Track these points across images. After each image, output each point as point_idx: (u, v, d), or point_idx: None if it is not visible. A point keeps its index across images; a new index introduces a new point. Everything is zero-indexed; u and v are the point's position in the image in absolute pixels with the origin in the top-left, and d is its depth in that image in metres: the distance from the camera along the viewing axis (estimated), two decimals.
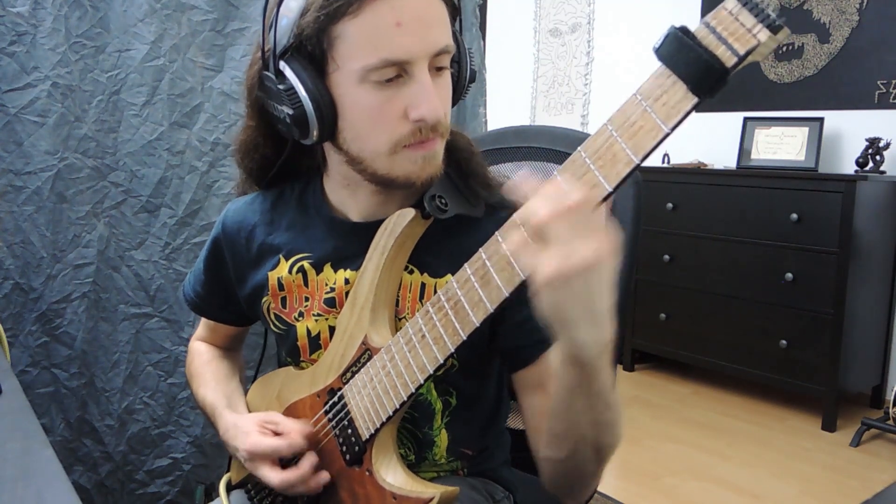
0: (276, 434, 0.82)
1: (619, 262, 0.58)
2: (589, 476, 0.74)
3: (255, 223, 0.91)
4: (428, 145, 0.74)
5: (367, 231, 0.81)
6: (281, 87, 0.73)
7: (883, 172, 2.78)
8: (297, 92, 0.72)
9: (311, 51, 0.72)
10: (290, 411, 0.87)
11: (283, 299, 0.88)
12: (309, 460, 0.81)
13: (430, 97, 0.71)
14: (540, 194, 0.57)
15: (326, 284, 0.84)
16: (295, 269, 0.86)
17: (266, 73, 0.75)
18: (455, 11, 0.77)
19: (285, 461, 0.82)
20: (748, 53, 0.49)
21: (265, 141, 0.86)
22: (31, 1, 1.39)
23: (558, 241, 0.55)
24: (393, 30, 0.68)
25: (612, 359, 0.64)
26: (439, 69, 0.74)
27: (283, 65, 0.73)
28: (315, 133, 0.75)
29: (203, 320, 1.05)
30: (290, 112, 0.73)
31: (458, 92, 0.81)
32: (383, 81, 0.71)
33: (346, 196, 0.84)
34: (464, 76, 0.80)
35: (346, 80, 0.72)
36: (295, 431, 0.81)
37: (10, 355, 1.33)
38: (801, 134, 3.00)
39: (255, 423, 0.84)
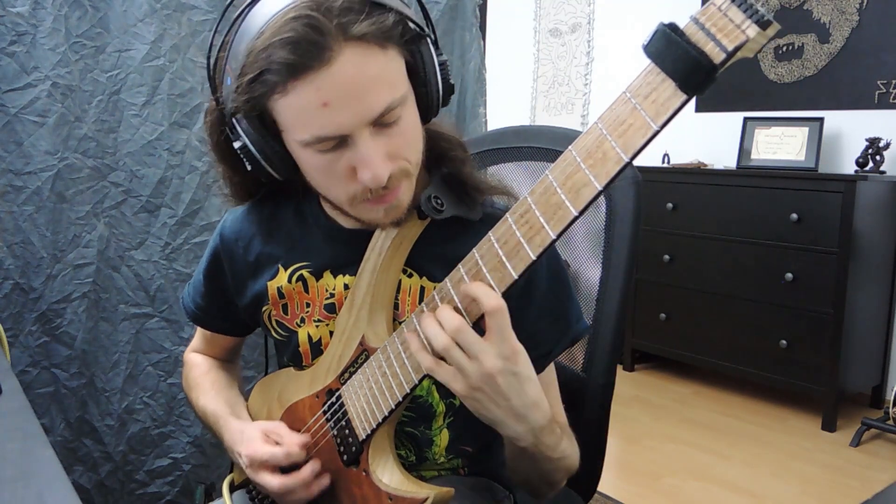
0: (277, 444, 0.82)
1: (525, 359, 0.66)
2: (546, 493, 0.81)
3: (253, 233, 0.90)
4: (387, 199, 0.73)
5: (365, 237, 0.81)
6: (236, 144, 0.73)
7: (883, 172, 2.78)
8: (250, 151, 0.72)
9: (260, 113, 0.70)
10: (290, 412, 0.87)
11: (285, 306, 0.88)
12: (311, 467, 0.80)
13: (372, 163, 0.68)
14: (428, 323, 0.66)
15: (326, 290, 0.84)
16: (294, 277, 0.86)
17: (222, 127, 0.75)
18: (410, 43, 0.71)
19: (286, 469, 0.82)
20: (737, 49, 0.49)
21: (242, 177, 0.84)
22: (31, 1, 1.39)
23: (457, 363, 0.64)
24: (320, 110, 0.66)
25: (552, 426, 0.72)
26: (388, 123, 0.69)
27: (234, 122, 0.72)
28: (280, 177, 0.75)
29: (199, 331, 1.03)
30: (250, 167, 0.74)
31: (431, 112, 0.76)
32: (325, 150, 0.69)
33: (337, 214, 0.85)
34: (433, 98, 0.74)
35: (292, 142, 0.71)
36: (294, 443, 0.81)
37: (10, 355, 1.33)
38: (801, 134, 3.00)
39: (259, 431, 0.84)
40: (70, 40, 1.43)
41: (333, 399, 0.81)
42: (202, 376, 0.99)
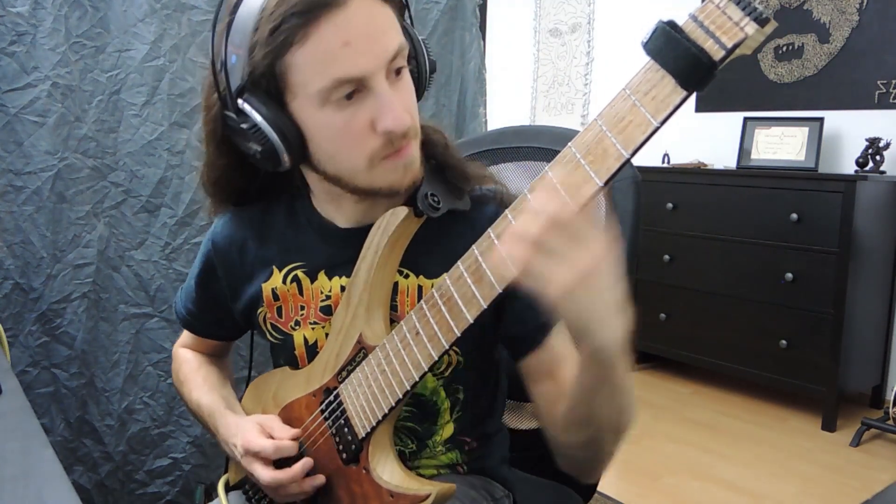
0: (270, 437, 0.83)
1: (619, 252, 0.58)
2: (608, 455, 0.75)
3: (246, 236, 0.90)
4: (404, 153, 0.74)
5: (359, 237, 0.80)
6: (244, 125, 0.73)
7: (883, 172, 2.78)
8: (261, 129, 0.72)
9: (267, 84, 0.71)
10: (286, 411, 0.87)
11: (279, 309, 0.87)
12: (302, 464, 0.81)
13: (393, 107, 0.70)
14: (527, 211, 0.58)
15: (322, 292, 0.84)
16: (289, 278, 0.86)
17: (227, 113, 0.75)
18: (402, 7, 0.76)
19: (280, 463, 0.82)
20: (736, 46, 0.49)
21: (240, 174, 0.85)
22: (31, 1, 1.39)
23: (556, 254, 0.55)
24: (342, 50, 0.68)
25: (627, 348, 0.64)
26: (398, 71, 0.74)
27: (241, 103, 0.73)
28: (287, 161, 0.75)
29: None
30: (259, 148, 0.73)
31: (421, 86, 0.80)
32: (343, 99, 0.70)
33: (333, 210, 0.85)
34: (423, 70, 0.80)
35: (307, 106, 0.72)
36: (285, 437, 0.82)
37: (10, 355, 1.33)
38: (801, 134, 3.00)
39: (254, 423, 0.85)
40: (70, 40, 1.43)
41: (331, 398, 0.81)
42: (193, 372, 0.99)
